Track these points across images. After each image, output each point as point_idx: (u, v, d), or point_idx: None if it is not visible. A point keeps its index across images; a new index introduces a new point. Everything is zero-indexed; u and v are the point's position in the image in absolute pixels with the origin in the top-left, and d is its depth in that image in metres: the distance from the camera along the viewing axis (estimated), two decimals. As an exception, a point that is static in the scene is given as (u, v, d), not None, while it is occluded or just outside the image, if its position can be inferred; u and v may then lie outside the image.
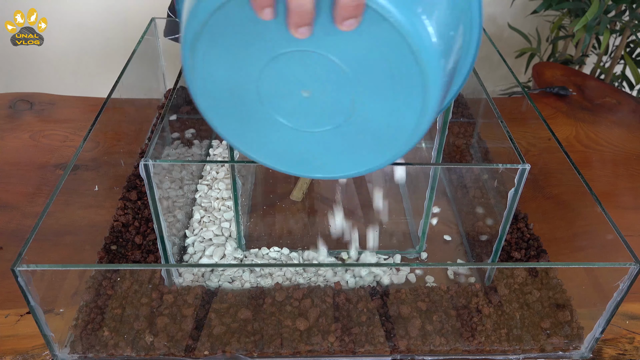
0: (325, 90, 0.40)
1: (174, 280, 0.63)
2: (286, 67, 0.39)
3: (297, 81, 0.40)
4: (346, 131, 0.42)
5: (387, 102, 0.39)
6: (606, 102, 1.10)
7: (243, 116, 0.43)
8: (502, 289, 0.63)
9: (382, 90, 0.39)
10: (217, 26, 0.37)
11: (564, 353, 0.61)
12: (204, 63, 0.40)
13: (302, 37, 0.36)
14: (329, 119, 0.42)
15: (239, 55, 0.39)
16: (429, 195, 0.66)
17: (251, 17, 0.36)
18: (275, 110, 0.42)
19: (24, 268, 0.50)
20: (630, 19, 1.28)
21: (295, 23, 0.35)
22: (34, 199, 0.79)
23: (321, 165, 0.46)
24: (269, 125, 0.43)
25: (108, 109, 0.72)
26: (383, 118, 0.41)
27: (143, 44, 0.85)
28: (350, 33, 0.35)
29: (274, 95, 0.41)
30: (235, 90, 0.41)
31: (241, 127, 0.44)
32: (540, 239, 0.73)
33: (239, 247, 0.71)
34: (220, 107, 0.43)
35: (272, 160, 0.47)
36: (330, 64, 0.38)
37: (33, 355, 0.59)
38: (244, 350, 0.58)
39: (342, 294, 0.61)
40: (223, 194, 0.79)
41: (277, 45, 0.38)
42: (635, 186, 0.88)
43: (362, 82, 0.39)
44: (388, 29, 0.35)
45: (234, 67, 0.40)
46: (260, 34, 0.37)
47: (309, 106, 0.41)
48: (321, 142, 0.44)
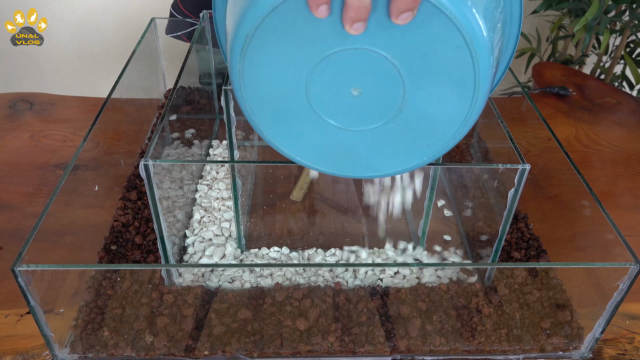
0: (376, 88, 0.40)
1: (174, 280, 0.63)
2: (336, 67, 0.39)
3: (347, 80, 0.40)
4: (394, 128, 0.42)
5: (438, 96, 0.40)
6: (606, 102, 1.10)
7: (290, 119, 0.43)
8: (502, 289, 0.63)
9: (433, 84, 0.39)
10: (269, 28, 0.37)
11: (564, 353, 0.61)
12: (254, 67, 0.40)
13: (357, 32, 0.36)
14: (377, 116, 0.42)
15: (289, 57, 0.39)
16: (429, 195, 0.66)
17: (304, 17, 0.36)
18: (323, 111, 0.42)
19: (24, 268, 0.50)
20: (630, 19, 1.28)
21: (351, 18, 0.35)
22: (34, 199, 0.79)
23: (368, 164, 0.46)
24: (316, 127, 0.43)
25: (108, 109, 0.72)
26: (432, 113, 0.41)
27: (143, 44, 0.85)
28: (404, 27, 0.36)
29: (323, 95, 0.41)
30: (284, 93, 0.41)
31: (287, 130, 0.44)
32: (540, 239, 0.73)
33: (239, 247, 0.71)
34: (268, 110, 0.43)
35: (318, 162, 0.46)
36: (381, 61, 0.38)
37: (33, 355, 0.59)
38: (244, 350, 0.58)
39: (342, 294, 0.61)
40: (223, 194, 0.79)
41: (328, 45, 0.38)
42: (635, 186, 0.88)
43: (413, 76, 0.39)
44: (443, 22, 0.36)
45: (284, 69, 0.40)
46: (312, 34, 0.37)
47: (358, 105, 0.41)
48: (369, 141, 0.44)
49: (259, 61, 0.39)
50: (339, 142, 0.44)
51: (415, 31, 0.36)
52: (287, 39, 0.38)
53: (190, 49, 0.74)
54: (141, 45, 0.84)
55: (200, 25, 0.83)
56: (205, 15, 0.87)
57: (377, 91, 0.40)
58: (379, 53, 0.38)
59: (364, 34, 0.36)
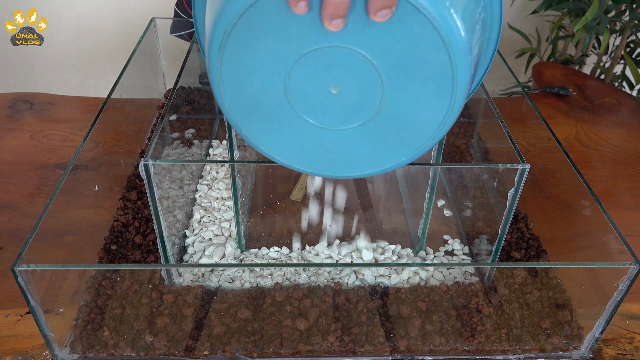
0: (354, 87, 0.40)
1: (174, 280, 0.63)
2: (315, 64, 0.39)
3: (326, 78, 0.40)
4: (373, 127, 0.42)
5: (416, 96, 0.40)
6: (606, 102, 1.10)
7: (269, 117, 0.43)
8: (502, 289, 0.63)
9: (411, 84, 0.39)
10: (246, 26, 0.37)
11: (563, 353, 0.61)
12: (232, 65, 0.39)
13: (336, 29, 0.36)
14: (356, 115, 0.42)
15: (268, 54, 0.39)
16: (429, 195, 0.66)
17: (283, 13, 0.36)
18: (302, 110, 0.42)
19: (24, 268, 0.50)
20: (630, 19, 1.28)
21: (330, 14, 0.35)
22: (34, 199, 0.79)
23: (347, 164, 0.46)
24: (295, 126, 0.43)
25: (108, 109, 0.72)
26: (411, 112, 0.41)
27: (143, 44, 0.85)
28: (382, 26, 0.36)
29: (301, 94, 0.41)
30: (263, 91, 0.41)
31: (266, 128, 0.44)
32: (540, 239, 0.73)
33: (239, 247, 0.71)
34: (246, 109, 0.42)
35: (297, 161, 0.46)
36: (360, 60, 0.38)
37: (33, 355, 0.59)
38: (244, 350, 0.58)
39: (342, 294, 0.61)
40: (223, 194, 0.79)
41: (307, 42, 0.38)
42: (635, 186, 0.88)
43: (392, 76, 0.39)
44: (421, 21, 0.35)
45: (262, 66, 0.39)
46: (290, 31, 0.37)
47: (336, 103, 0.41)
48: (348, 140, 0.44)
49: (237, 58, 0.39)
50: (319, 142, 0.44)
51: (393, 30, 0.36)
52: (266, 35, 0.38)
53: (190, 49, 0.74)
54: (141, 45, 0.84)
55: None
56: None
57: (356, 90, 0.40)
58: (358, 52, 0.38)
59: (343, 31, 0.36)
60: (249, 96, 0.41)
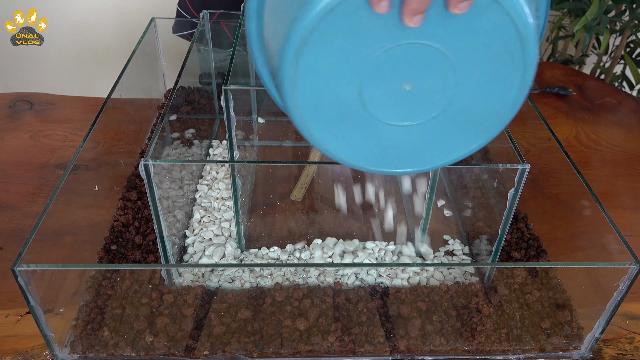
0: (427, 81, 0.40)
1: (174, 280, 0.63)
2: (390, 63, 0.39)
3: (400, 75, 0.40)
4: (444, 119, 0.43)
5: (487, 84, 0.41)
6: (606, 102, 1.10)
7: (340, 119, 0.42)
8: (502, 289, 0.63)
9: (483, 72, 0.40)
10: (325, 31, 0.37)
11: (564, 353, 0.61)
12: (307, 71, 0.39)
13: (415, 25, 0.36)
14: (427, 110, 0.42)
15: (343, 57, 0.38)
16: (429, 195, 0.66)
17: (362, 14, 0.36)
18: (374, 109, 0.42)
19: (24, 268, 0.50)
20: (630, 19, 1.28)
21: (412, 11, 0.35)
22: (34, 199, 0.79)
23: (416, 158, 0.46)
24: (366, 126, 0.43)
25: (108, 109, 0.72)
26: (482, 100, 0.41)
27: (143, 44, 0.85)
28: (457, 18, 0.36)
29: (375, 93, 0.41)
30: (337, 94, 0.41)
31: (336, 130, 0.43)
32: (540, 239, 0.73)
33: (239, 247, 0.71)
34: (319, 113, 0.42)
35: (368, 161, 0.46)
36: (433, 53, 0.39)
37: (33, 355, 0.59)
38: (244, 350, 0.58)
39: (342, 294, 0.61)
40: (223, 194, 0.79)
41: (384, 42, 0.38)
42: (635, 186, 0.88)
43: (464, 66, 0.39)
44: (495, 10, 0.36)
45: (337, 70, 0.39)
46: (367, 32, 0.37)
47: (408, 100, 0.41)
48: (417, 135, 0.44)
49: (313, 63, 0.38)
50: (389, 139, 0.44)
51: (468, 21, 0.37)
52: (343, 38, 0.37)
53: (190, 49, 0.74)
54: (141, 45, 0.84)
55: (200, 25, 0.83)
56: (206, 15, 0.87)
57: (429, 84, 0.41)
58: (433, 46, 0.38)
59: (419, 27, 0.37)
60: (322, 100, 0.41)
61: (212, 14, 0.89)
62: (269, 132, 0.94)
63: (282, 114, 1.07)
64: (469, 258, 0.71)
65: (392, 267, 0.67)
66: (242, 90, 0.76)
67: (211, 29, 0.90)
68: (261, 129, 0.94)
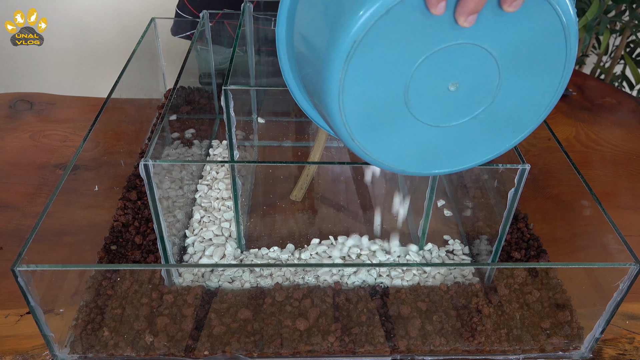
0: (472, 80, 0.40)
1: (174, 280, 0.63)
2: (437, 64, 0.39)
3: (445, 76, 0.40)
4: (485, 118, 0.43)
5: (529, 81, 0.41)
6: (606, 102, 1.10)
7: (383, 123, 0.42)
8: (502, 289, 0.63)
9: (526, 70, 0.40)
10: (376, 34, 0.36)
11: (564, 353, 0.61)
12: (356, 75, 0.38)
13: (469, 24, 0.36)
14: (470, 108, 0.42)
15: (393, 60, 0.38)
16: (429, 195, 0.66)
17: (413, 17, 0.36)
18: (418, 111, 0.41)
19: (24, 268, 0.50)
20: (630, 19, 1.28)
21: (469, 10, 0.35)
22: (34, 199, 0.79)
23: (455, 158, 0.46)
24: (408, 128, 0.42)
25: (108, 109, 0.72)
26: (522, 98, 0.42)
27: (143, 44, 0.85)
28: (507, 17, 0.37)
29: (420, 95, 0.40)
30: (383, 97, 0.40)
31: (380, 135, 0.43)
32: (540, 239, 0.73)
33: (239, 247, 0.71)
34: (363, 118, 0.41)
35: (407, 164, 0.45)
36: (480, 53, 0.39)
37: (33, 355, 0.59)
38: (244, 350, 0.58)
39: (342, 294, 0.61)
40: (223, 194, 0.79)
41: (433, 43, 0.38)
42: (635, 186, 0.88)
43: (509, 65, 0.40)
44: (544, 8, 0.37)
45: (386, 73, 0.39)
46: (419, 34, 0.37)
47: (452, 100, 0.41)
48: (458, 135, 0.44)
49: (362, 67, 0.38)
50: (429, 140, 0.44)
51: (516, 20, 0.37)
52: (394, 40, 0.37)
53: (190, 49, 0.74)
54: (141, 45, 0.84)
55: (200, 25, 0.83)
56: (206, 15, 0.87)
57: (473, 84, 0.41)
58: (480, 46, 0.38)
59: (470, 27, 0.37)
60: (367, 104, 0.40)
61: (212, 14, 0.89)
62: (269, 132, 0.94)
63: (282, 114, 1.08)
64: (469, 258, 0.71)
65: (393, 267, 0.67)
66: (242, 90, 0.76)
67: (211, 29, 0.90)
68: (261, 129, 0.94)
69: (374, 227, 0.75)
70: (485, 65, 0.39)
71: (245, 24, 0.83)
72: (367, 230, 0.75)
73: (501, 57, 0.39)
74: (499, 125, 0.44)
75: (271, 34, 0.93)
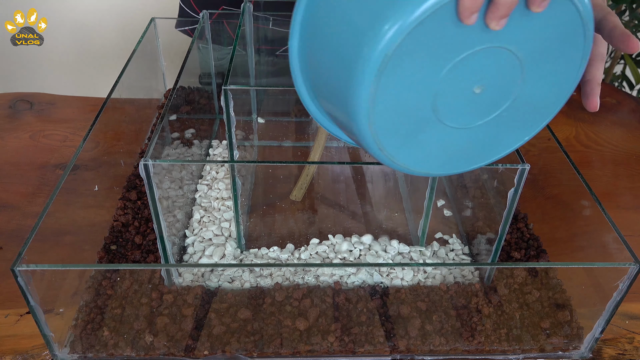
0: (496, 81, 0.41)
1: (173, 280, 0.63)
2: (465, 69, 0.39)
3: (472, 80, 0.40)
4: (506, 115, 0.43)
5: (549, 77, 0.42)
6: (606, 102, 1.10)
7: (410, 130, 0.42)
8: (502, 289, 0.63)
9: (547, 66, 0.41)
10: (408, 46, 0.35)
11: (563, 353, 0.61)
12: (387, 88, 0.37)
13: (500, 28, 0.36)
14: (493, 108, 0.43)
15: (423, 70, 0.38)
16: (429, 195, 0.66)
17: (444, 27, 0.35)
18: (444, 115, 0.41)
19: (24, 268, 0.50)
20: (630, 19, 1.28)
21: (501, 15, 0.36)
22: (34, 199, 0.79)
23: (478, 156, 0.46)
24: (433, 133, 0.42)
25: (108, 109, 0.72)
26: (541, 93, 0.43)
27: (143, 44, 0.85)
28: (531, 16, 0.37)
29: (447, 100, 0.41)
30: (411, 107, 0.40)
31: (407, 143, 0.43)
32: (540, 239, 0.73)
33: (239, 247, 0.71)
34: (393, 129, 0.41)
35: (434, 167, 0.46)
36: (504, 53, 0.39)
37: (33, 355, 0.59)
38: (243, 350, 0.58)
39: (342, 294, 0.61)
40: (223, 194, 0.79)
41: (462, 50, 0.38)
42: (635, 186, 0.88)
43: (532, 63, 0.40)
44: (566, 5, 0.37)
45: (416, 83, 0.38)
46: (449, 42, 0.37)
47: (476, 102, 0.42)
48: (480, 134, 0.44)
49: (393, 80, 0.37)
50: (455, 142, 0.44)
51: (540, 18, 0.38)
52: (425, 51, 0.36)
53: (190, 49, 0.74)
54: (141, 45, 0.84)
55: (200, 24, 0.83)
56: (205, 15, 0.87)
57: (497, 84, 0.41)
58: (504, 48, 0.39)
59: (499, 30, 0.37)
60: (396, 115, 0.40)
61: (212, 13, 0.89)
62: (269, 132, 0.94)
63: (282, 114, 1.08)
64: (469, 258, 0.71)
65: (393, 267, 0.67)
66: (242, 90, 0.76)
67: (211, 29, 0.90)
68: (261, 129, 0.94)
69: (374, 227, 0.75)
70: (508, 64, 0.40)
71: (245, 24, 0.83)
72: (367, 230, 0.75)
73: (524, 56, 0.40)
74: (522, 119, 0.44)
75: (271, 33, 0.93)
